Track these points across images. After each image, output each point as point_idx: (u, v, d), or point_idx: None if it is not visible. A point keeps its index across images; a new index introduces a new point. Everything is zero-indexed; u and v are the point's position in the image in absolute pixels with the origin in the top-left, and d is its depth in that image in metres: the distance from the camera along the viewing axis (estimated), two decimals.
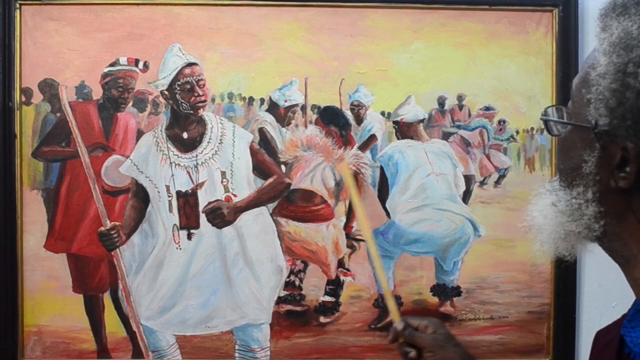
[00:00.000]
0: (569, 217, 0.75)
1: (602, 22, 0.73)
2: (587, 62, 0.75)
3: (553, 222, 0.77)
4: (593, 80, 0.71)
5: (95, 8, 1.50)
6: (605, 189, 0.72)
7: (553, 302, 1.55)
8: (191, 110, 1.50)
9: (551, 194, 0.79)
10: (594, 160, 0.72)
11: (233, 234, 1.52)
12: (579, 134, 0.74)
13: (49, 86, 1.50)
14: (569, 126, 0.76)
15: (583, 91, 0.73)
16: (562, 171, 0.78)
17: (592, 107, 0.70)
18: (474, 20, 1.53)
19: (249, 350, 1.52)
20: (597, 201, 0.73)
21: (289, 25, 1.52)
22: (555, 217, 0.77)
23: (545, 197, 0.80)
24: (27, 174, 1.50)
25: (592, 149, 0.72)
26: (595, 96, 0.70)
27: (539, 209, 0.80)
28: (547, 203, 0.79)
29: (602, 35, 0.72)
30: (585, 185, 0.73)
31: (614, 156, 0.69)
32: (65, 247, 1.51)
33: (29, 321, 1.50)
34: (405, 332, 1.08)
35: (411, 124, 1.54)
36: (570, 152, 0.75)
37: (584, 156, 0.72)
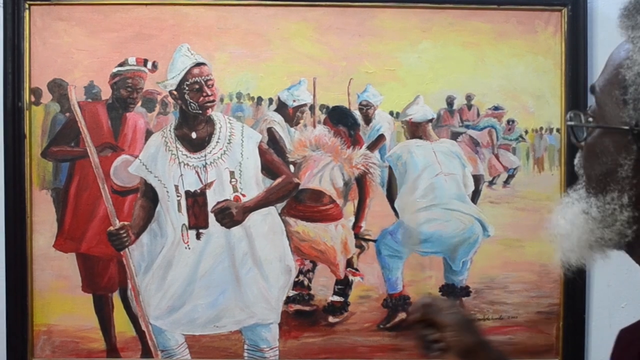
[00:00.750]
0: (600, 224, 0.74)
1: (631, 20, 0.71)
2: (614, 62, 0.74)
3: (582, 230, 0.75)
4: (630, 79, 0.69)
5: (104, 8, 1.51)
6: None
7: (562, 302, 1.55)
8: (200, 110, 1.51)
9: (580, 202, 0.77)
10: (631, 163, 0.70)
11: (242, 233, 1.52)
12: (611, 138, 0.72)
13: (58, 86, 1.52)
14: (597, 130, 0.75)
15: (616, 92, 0.71)
16: (593, 177, 0.76)
17: (630, 108, 0.69)
18: (483, 19, 1.54)
19: (257, 350, 1.53)
20: (632, 206, 0.71)
21: (297, 25, 1.52)
22: (586, 224, 0.75)
23: (575, 205, 0.78)
24: (36, 173, 1.51)
25: (628, 152, 0.70)
26: (635, 96, 0.69)
27: (568, 218, 0.78)
28: (577, 211, 0.77)
29: (634, 34, 0.70)
30: (620, 190, 0.72)
31: None
32: (74, 246, 1.52)
33: (39, 320, 1.51)
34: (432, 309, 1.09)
35: (420, 123, 1.55)
36: (602, 156, 0.73)
37: (619, 160, 0.71)
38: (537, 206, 1.54)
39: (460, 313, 1.10)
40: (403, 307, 1.55)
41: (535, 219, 1.53)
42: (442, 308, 1.10)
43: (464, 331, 1.07)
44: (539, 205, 1.54)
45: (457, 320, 1.08)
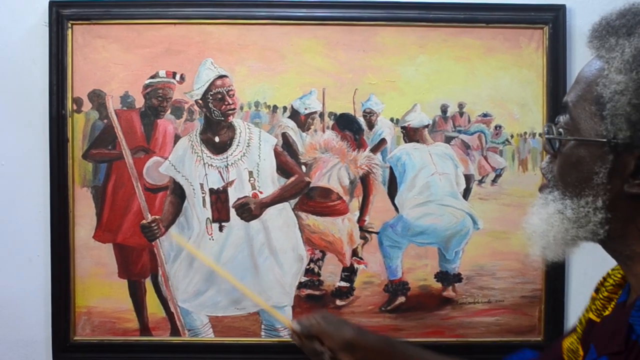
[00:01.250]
0: (575, 223, 0.76)
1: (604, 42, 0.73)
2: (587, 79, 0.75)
3: (558, 229, 0.77)
4: (608, 97, 0.71)
5: (137, 27, 1.55)
6: (615, 196, 0.73)
7: (544, 287, 1.60)
8: (222, 117, 1.57)
9: (555, 203, 0.79)
10: (606, 171, 0.73)
11: (259, 226, 1.58)
12: (587, 149, 0.74)
13: (97, 96, 1.56)
14: (573, 142, 0.76)
15: (592, 108, 0.73)
16: (569, 183, 0.77)
17: (608, 122, 0.71)
18: (473, 36, 1.56)
19: (273, 329, 1.60)
20: (605, 208, 0.74)
21: (308, 41, 1.56)
22: (562, 224, 0.77)
23: (550, 206, 0.79)
24: (78, 173, 1.56)
25: (603, 161, 0.73)
26: (612, 112, 0.70)
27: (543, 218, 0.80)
28: (552, 211, 0.78)
29: (609, 55, 0.72)
30: (595, 195, 0.74)
31: (627, 165, 0.71)
32: (111, 237, 1.58)
33: (80, 303, 1.58)
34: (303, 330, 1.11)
35: (417, 129, 1.59)
36: (578, 166, 0.75)
37: (594, 168, 0.73)
38: (522, 202, 1.57)
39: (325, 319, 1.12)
40: (402, 292, 1.60)
41: (519, 213, 1.55)
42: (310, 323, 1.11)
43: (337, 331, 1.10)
44: (523, 201, 1.57)
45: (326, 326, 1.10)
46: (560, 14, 1.57)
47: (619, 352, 0.75)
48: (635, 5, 0.75)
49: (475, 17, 1.57)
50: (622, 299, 0.84)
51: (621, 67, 0.70)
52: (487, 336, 1.61)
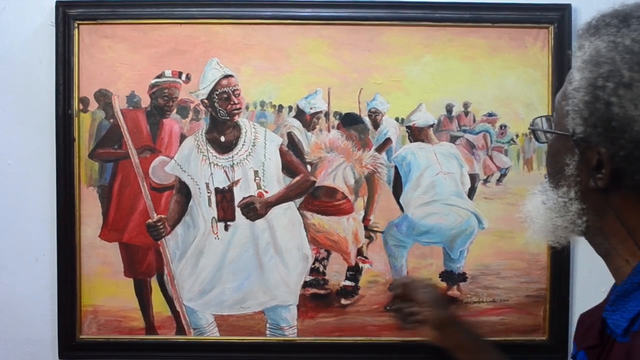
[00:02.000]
0: (556, 214, 0.80)
1: (578, 42, 0.78)
2: (567, 78, 0.80)
3: (543, 218, 0.82)
4: (570, 93, 0.75)
5: (143, 27, 1.55)
6: (585, 188, 0.77)
7: (549, 287, 1.59)
8: (228, 117, 1.57)
9: (542, 194, 0.84)
10: (574, 163, 0.77)
11: (264, 225, 1.59)
12: (561, 141, 0.79)
13: (103, 96, 1.57)
14: (554, 135, 0.82)
15: (562, 103, 0.78)
16: (550, 174, 0.84)
17: (569, 118, 0.76)
18: (479, 36, 1.56)
19: (278, 328, 1.60)
20: (579, 199, 0.78)
21: (313, 41, 1.56)
22: (545, 213, 0.82)
23: (537, 196, 0.85)
24: (84, 172, 1.57)
25: (572, 154, 0.77)
26: (572, 108, 0.75)
27: (532, 206, 0.85)
28: (538, 201, 0.84)
29: (577, 54, 0.77)
30: (568, 186, 0.79)
31: (590, 160, 0.75)
32: (117, 236, 1.58)
33: (86, 302, 1.59)
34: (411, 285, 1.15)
35: (422, 128, 1.60)
36: (555, 157, 0.81)
37: (566, 160, 0.78)
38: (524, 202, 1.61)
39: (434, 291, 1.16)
40: None
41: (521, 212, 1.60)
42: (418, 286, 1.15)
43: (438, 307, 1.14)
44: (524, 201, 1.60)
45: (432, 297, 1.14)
46: (565, 14, 1.56)
47: (594, 346, 0.78)
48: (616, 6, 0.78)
49: (481, 17, 1.57)
50: None
51: (580, 66, 0.74)
52: (492, 335, 1.59)
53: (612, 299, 0.78)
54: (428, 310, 1.13)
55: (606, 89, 0.71)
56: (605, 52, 0.72)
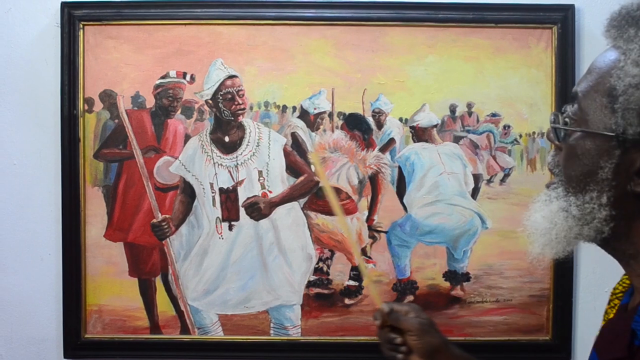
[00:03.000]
0: (579, 221, 0.73)
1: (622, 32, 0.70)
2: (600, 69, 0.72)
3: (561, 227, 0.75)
4: (621, 89, 0.68)
5: (148, 28, 1.56)
6: (621, 193, 0.71)
7: (552, 287, 1.60)
8: (232, 117, 1.58)
9: (559, 200, 0.76)
10: (612, 166, 0.70)
11: (268, 225, 1.59)
12: (593, 141, 0.72)
13: (108, 96, 1.58)
14: (579, 133, 0.73)
15: (603, 100, 0.70)
16: (573, 177, 0.75)
17: (619, 116, 0.68)
18: (482, 36, 1.57)
19: (282, 328, 1.61)
20: (610, 205, 0.71)
21: (317, 41, 1.57)
22: (565, 222, 0.74)
23: (553, 203, 0.76)
24: (89, 173, 1.58)
25: (610, 156, 0.70)
26: (625, 106, 0.68)
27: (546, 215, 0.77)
28: (556, 209, 0.76)
29: (626, 46, 0.69)
30: (599, 191, 0.72)
31: (634, 162, 0.68)
32: (122, 236, 1.59)
33: (91, 301, 1.60)
34: (392, 315, 1.06)
35: (426, 128, 1.60)
36: (583, 158, 0.73)
37: (600, 162, 0.71)
38: (530, 202, 1.47)
39: (420, 317, 1.06)
40: (411, 291, 1.60)
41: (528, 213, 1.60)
42: (403, 313, 1.06)
43: (426, 334, 1.05)
44: (531, 200, 1.45)
45: (419, 324, 1.05)
46: (569, 14, 1.57)
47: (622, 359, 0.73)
48: None
49: (484, 17, 1.57)
50: (625, 301, 0.82)
51: (639, 60, 0.68)
52: (495, 335, 1.61)
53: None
54: (414, 339, 1.05)
55: None
56: None
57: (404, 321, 1.06)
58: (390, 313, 1.07)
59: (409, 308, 1.09)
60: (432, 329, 1.08)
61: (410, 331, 1.05)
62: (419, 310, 1.09)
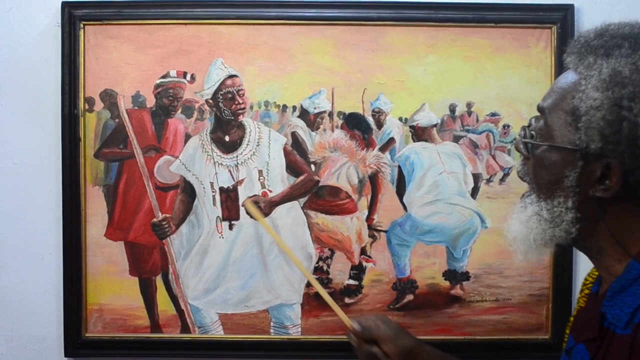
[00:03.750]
0: (550, 224, 0.83)
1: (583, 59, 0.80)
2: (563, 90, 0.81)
3: (536, 231, 0.84)
4: (584, 110, 0.77)
5: (148, 27, 1.56)
6: (584, 198, 0.81)
7: (551, 286, 1.60)
8: (232, 117, 1.58)
9: (532, 205, 0.86)
10: (575, 175, 0.80)
11: (269, 224, 1.58)
12: (558, 153, 0.82)
13: (109, 96, 1.57)
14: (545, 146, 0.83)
15: (568, 118, 0.80)
16: (542, 185, 0.85)
17: (582, 133, 0.78)
18: (482, 36, 1.56)
19: (282, 326, 1.61)
20: (575, 208, 0.82)
21: (317, 41, 1.57)
22: (539, 225, 0.84)
23: (528, 209, 0.87)
24: (90, 172, 1.58)
25: (573, 166, 0.80)
26: (587, 125, 0.77)
27: (522, 221, 0.87)
28: (531, 214, 0.86)
29: (587, 72, 0.79)
30: (565, 196, 0.82)
31: (594, 172, 0.79)
32: (122, 235, 1.59)
33: (92, 300, 1.60)
34: (364, 330, 1.12)
35: (425, 128, 1.60)
36: (550, 168, 0.83)
37: (565, 172, 0.81)
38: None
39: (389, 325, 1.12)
40: (410, 290, 1.61)
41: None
42: (373, 326, 1.12)
43: (399, 338, 1.11)
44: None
45: (390, 330, 1.11)
46: (568, 14, 1.56)
47: (594, 339, 0.82)
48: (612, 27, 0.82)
49: (484, 17, 1.57)
50: (594, 290, 0.92)
51: (598, 85, 0.77)
52: (495, 334, 1.62)
53: (609, 295, 0.82)
54: (390, 345, 1.10)
55: (633, 110, 0.75)
56: (629, 73, 0.76)
57: (376, 332, 1.12)
58: (362, 329, 1.13)
59: (375, 319, 1.14)
60: (403, 333, 1.14)
61: (384, 340, 1.10)
62: (386, 319, 1.15)
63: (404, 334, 1.14)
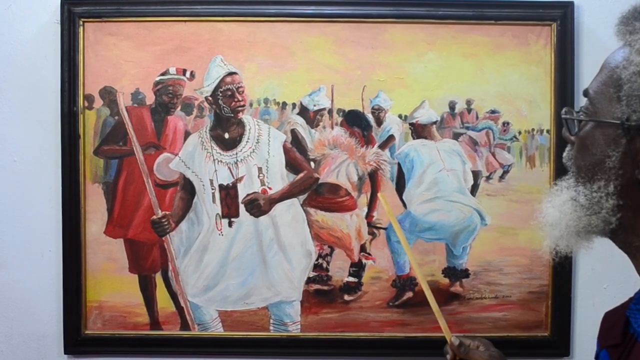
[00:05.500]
0: (588, 210, 0.74)
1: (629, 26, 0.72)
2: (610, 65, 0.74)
3: (571, 217, 0.75)
4: (626, 78, 0.70)
5: (148, 25, 1.57)
6: (628, 182, 0.71)
7: (551, 283, 1.60)
8: (232, 114, 1.58)
9: (569, 190, 0.77)
10: (618, 155, 0.71)
11: (268, 222, 1.60)
12: (602, 131, 0.73)
13: (108, 93, 1.58)
14: (590, 124, 0.75)
15: (611, 90, 0.72)
16: (582, 167, 0.76)
17: (624, 104, 0.69)
18: (482, 33, 1.57)
19: (282, 324, 1.61)
20: (617, 194, 0.72)
21: (317, 38, 1.57)
22: (574, 211, 0.75)
23: (563, 194, 0.77)
24: (89, 169, 1.58)
25: (616, 144, 0.71)
26: (629, 92, 0.69)
27: (556, 205, 0.78)
28: (566, 198, 0.76)
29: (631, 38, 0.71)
30: (607, 180, 0.72)
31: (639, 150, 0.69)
32: (122, 233, 1.59)
33: (91, 297, 1.60)
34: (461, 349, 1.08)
35: (425, 125, 1.60)
36: (592, 148, 0.74)
37: (607, 151, 0.72)
38: (529, 198, 1.58)
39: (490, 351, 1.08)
40: (410, 287, 1.60)
41: (527, 209, 1.57)
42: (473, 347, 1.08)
43: None
44: (530, 197, 1.58)
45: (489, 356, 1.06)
46: (568, 11, 1.57)
47: (617, 345, 0.75)
48: None
49: (484, 14, 1.58)
50: None
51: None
52: (495, 331, 1.61)
53: (637, 297, 0.75)
54: None
55: None
56: None
57: (474, 355, 1.07)
58: (460, 346, 1.08)
59: (478, 342, 1.10)
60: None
61: None
62: (488, 344, 1.10)
63: None
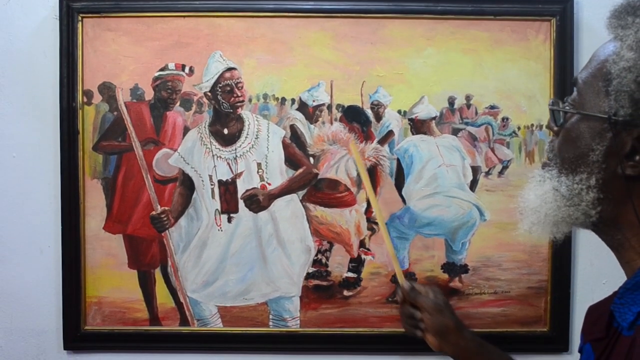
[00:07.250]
0: (568, 201, 0.75)
1: (621, 21, 0.72)
2: (599, 57, 0.74)
3: (551, 206, 0.77)
4: (616, 73, 0.70)
5: (147, 20, 1.55)
6: (610, 176, 0.73)
7: (550, 278, 1.60)
8: (231, 110, 1.58)
9: (552, 180, 0.78)
10: (603, 149, 0.72)
11: (267, 217, 1.59)
12: (587, 124, 0.74)
13: (107, 88, 1.57)
14: (576, 116, 0.75)
15: (600, 84, 0.72)
16: (566, 159, 0.77)
17: (612, 99, 0.70)
18: (481, 28, 1.56)
19: (281, 319, 1.61)
20: (598, 188, 0.73)
21: (316, 34, 1.57)
22: (555, 201, 0.76)
23: (546, 183, 0.79)
24: (88, 165, 1.58)
25: (601, 138, 0.72)
26: (617, 88, 0.70)
27: (538, 193, 0.79)
28: (548, 188, 0.78)
29: (623, 32, 0.71)
30: (589, 172, 0.74)
31: (624, 145, 0.70)
32: (121, 228, 1.59)
33: (91, 293, 1.60)
34: (411, 293, 1.14)
35: (424, 121, 1.60)
36: (577, 141, 0.75)
37: (592, 145, 0.73)
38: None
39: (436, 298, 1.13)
40: None
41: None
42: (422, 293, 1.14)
43: (439, 313, 1.12)
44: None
45: (433, 303, 1.12)
46: (567, 6, 1.56)
47: (600, 339, 0.76)
48: None
49: (483, 9, 1.57)
50: None
51: (633, 45, 0.69)
52: (494, 327, 1.62)
53: (621, 292, 0.75)
54: (427, 317, 1.12)
55: None
56: None
57: (420, 300, 1.13)
58: (410, 291, 1.14)
59: (428, 289, 1.15)
60: (446, 309, 1.14)
61: (425, 309, 1.12)
62: (437, 292, 1.15)
63: (446, 312, 1.13)
